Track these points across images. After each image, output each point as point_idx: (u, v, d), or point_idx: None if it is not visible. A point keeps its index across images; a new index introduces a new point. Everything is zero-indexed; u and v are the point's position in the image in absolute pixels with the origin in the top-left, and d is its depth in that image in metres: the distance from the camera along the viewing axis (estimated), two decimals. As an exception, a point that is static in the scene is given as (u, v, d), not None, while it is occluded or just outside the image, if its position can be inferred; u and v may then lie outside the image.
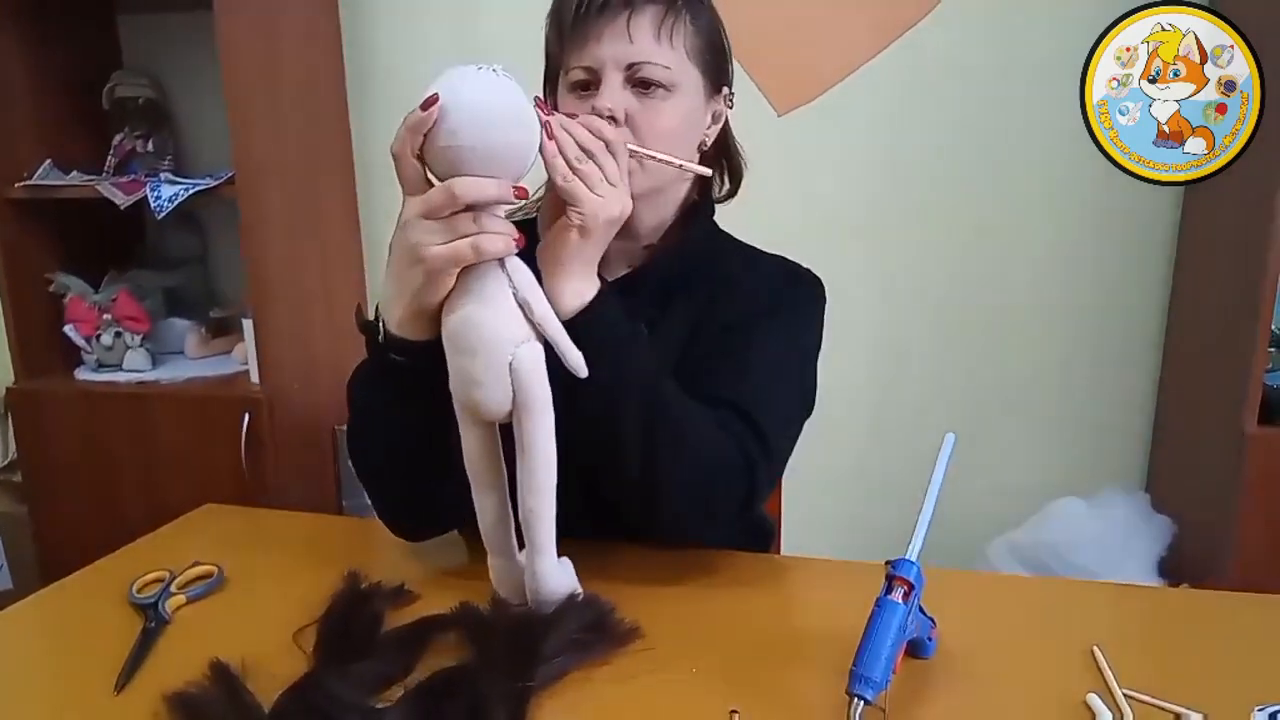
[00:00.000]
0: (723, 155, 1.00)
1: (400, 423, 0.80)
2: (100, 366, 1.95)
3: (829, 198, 1.98)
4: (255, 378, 1.87)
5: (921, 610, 0.67)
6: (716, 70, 0.92)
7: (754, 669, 0.70)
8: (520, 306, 0.71)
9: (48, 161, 1.91)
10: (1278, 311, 1.55)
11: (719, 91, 0.94)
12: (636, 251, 0.95)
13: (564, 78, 0.89)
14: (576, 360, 0.72)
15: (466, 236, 0.68)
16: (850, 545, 2.11)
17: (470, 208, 0.68)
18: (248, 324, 1.85)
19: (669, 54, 0.86)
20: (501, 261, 0.71)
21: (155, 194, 1.79)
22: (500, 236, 0.69)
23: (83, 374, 1.96)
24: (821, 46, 1.92)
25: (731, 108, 0.97)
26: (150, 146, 2.00)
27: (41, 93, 1.93)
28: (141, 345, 1.96)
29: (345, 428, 0.88)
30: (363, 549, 0.95)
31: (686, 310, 0.93)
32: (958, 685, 0.68)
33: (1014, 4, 1.84)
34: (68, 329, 1.93)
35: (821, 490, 2.04)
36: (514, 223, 0.73)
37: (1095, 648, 0.70)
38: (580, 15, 0.85)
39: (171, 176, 1.92)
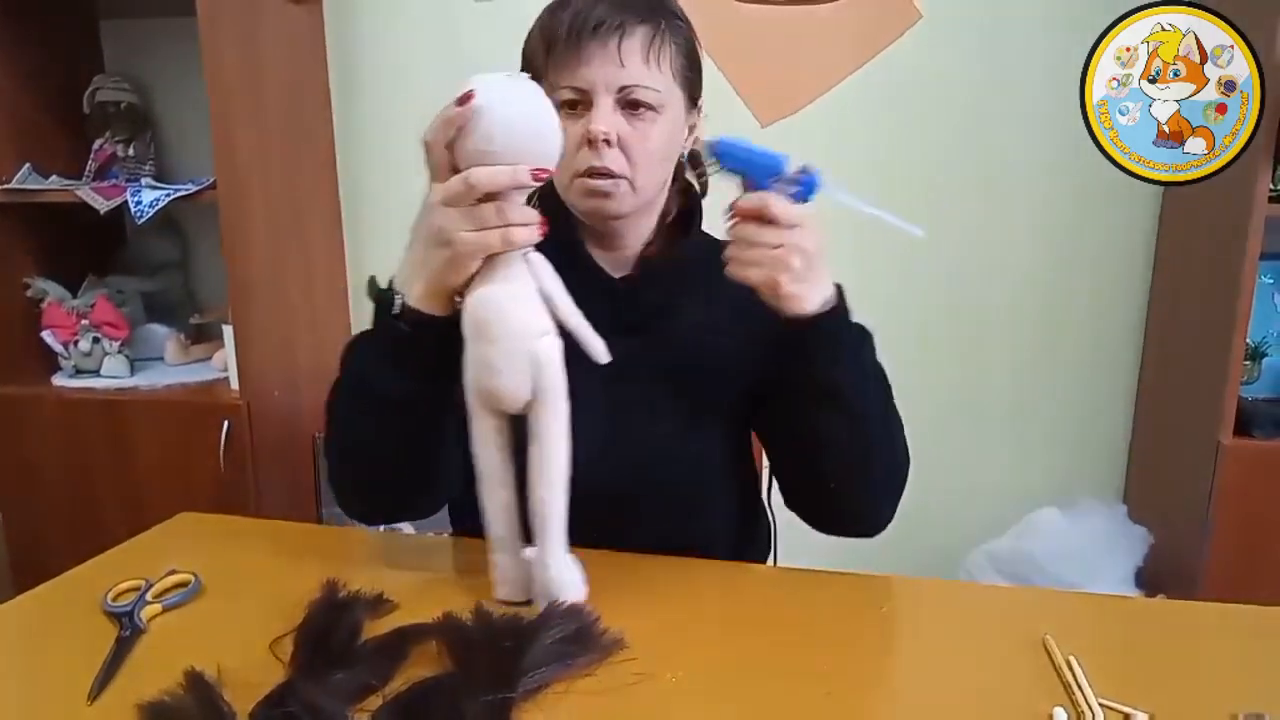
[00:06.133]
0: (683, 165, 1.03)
1: (392, 395, 0.80)
2: (78, 373, 1.94)
3: (813, 207, 1.99)
4: (235, 385, 1.85)
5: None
6: (694, 85, 0.94)
7: (736, 679, 0.71)
8: (545, 300, 0.74)
9: (27, 165, 1.89)
10: (1253, 325, 1.57)
11: (695, 105, 0.96)
12: (629, 259, 0.99)
13: (548, 87, 0.89)
14: (600, 348, 0.75)
15: (492, 226, 0.71)
16: (833, 547, 2.11)
17: (490, 196, 0.71)
18: (228, 331, 1.84)
19: (658, 76, 0.88)
20: (525, 254, 0.74)
21: (136, 199, 1.78)
22: (526, 228, 0.72)
23: (60, 380, 1.94)
24: (805, 59, 1.93)
25: (705, 116, 0.98)
26: (131, 151, 1.99)
27: (21, 96, 1.91)
28: (120, 351, 1.94)
29: (326, 410, 0.87)
30: (341, 558, 0.94)
31: (698, 309, 0.97)
32: (930, 694, 0.69)
33: (997, 15, 1.87)
34: (45, 334, 1.92)
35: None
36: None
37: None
38: (571, 36, 0.85)
39: (152, 182, 1.91)
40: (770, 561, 1.12)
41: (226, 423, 1.81)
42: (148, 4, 2.00)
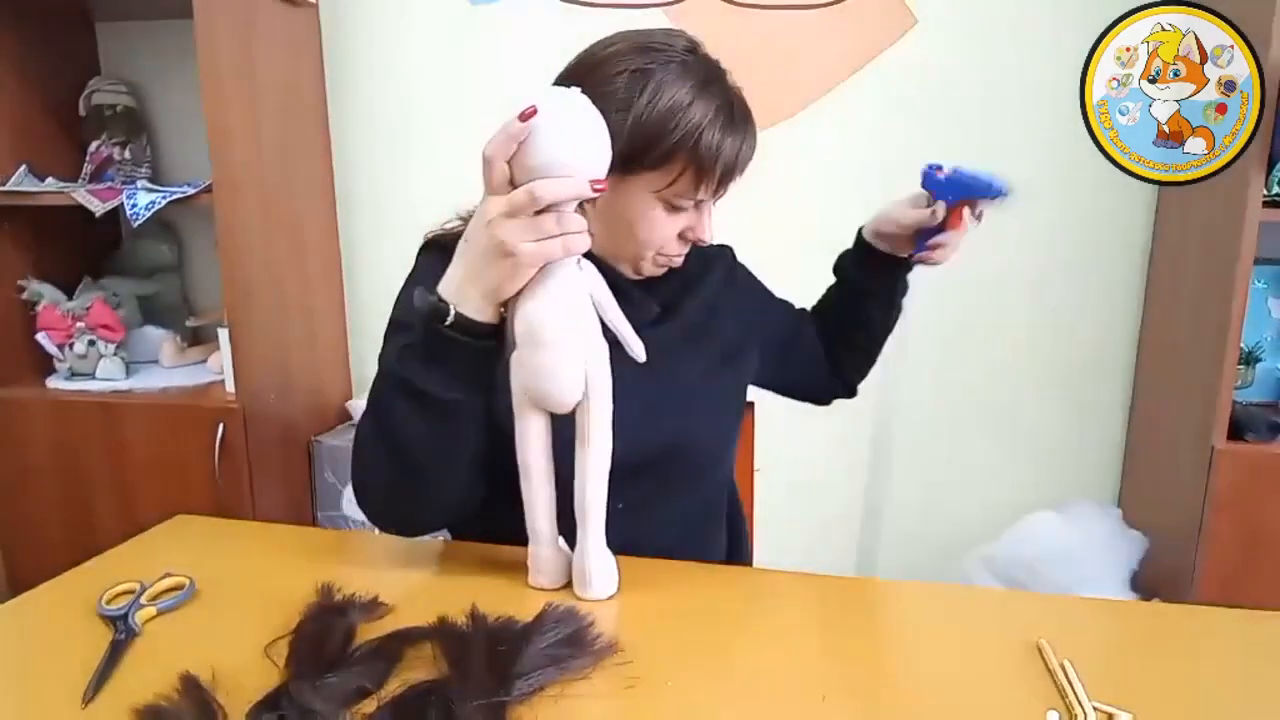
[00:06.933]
0: None
1: (447, 401, 0.81)
2: (73, 375, 1.93)
3: (810, 213, 2.00)
4: (230, 387, 1.85)
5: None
6: None
7: (731, 682, 0.71)
8: (595, 306, 0.79)
9: (23, 167, 1.89)
10: (1246, 329, 1.58)
11: None
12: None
13: (659, 183, 0.89)
14: (640, 349, 0.82)
15: (553, 236, 0.74)
16: (822, 547, 2.13)
17: (549, 207, 0.74)
18: (223, 333, 1.84)
19: None
20: (578, 261, 0.78)
21: (131, 201, 1.78)
22: (580, 235, 0.76)
23: (54, 383, 1.94)
24: (802, 63, 1.94)
25: None
26: (127, 154, 1.99)
27: (17, 98, 1.92)
28: (115, 354, 1.94)
29: (372, 419, 0.87)
30: (336, 561, 0.94)
31: (699, 299, 1.07)
32: (925, 697, 0.69)
33: (996, 15, 1.87)
34: (40, 337, 1.91)
35: (796, 495, 2.05)
36: None
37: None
38: (738, 172, 0.92)
39: (148, 184, 1.91)
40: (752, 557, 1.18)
41: (222, 425, 1.81)
42: (144, 7, 2.00)
